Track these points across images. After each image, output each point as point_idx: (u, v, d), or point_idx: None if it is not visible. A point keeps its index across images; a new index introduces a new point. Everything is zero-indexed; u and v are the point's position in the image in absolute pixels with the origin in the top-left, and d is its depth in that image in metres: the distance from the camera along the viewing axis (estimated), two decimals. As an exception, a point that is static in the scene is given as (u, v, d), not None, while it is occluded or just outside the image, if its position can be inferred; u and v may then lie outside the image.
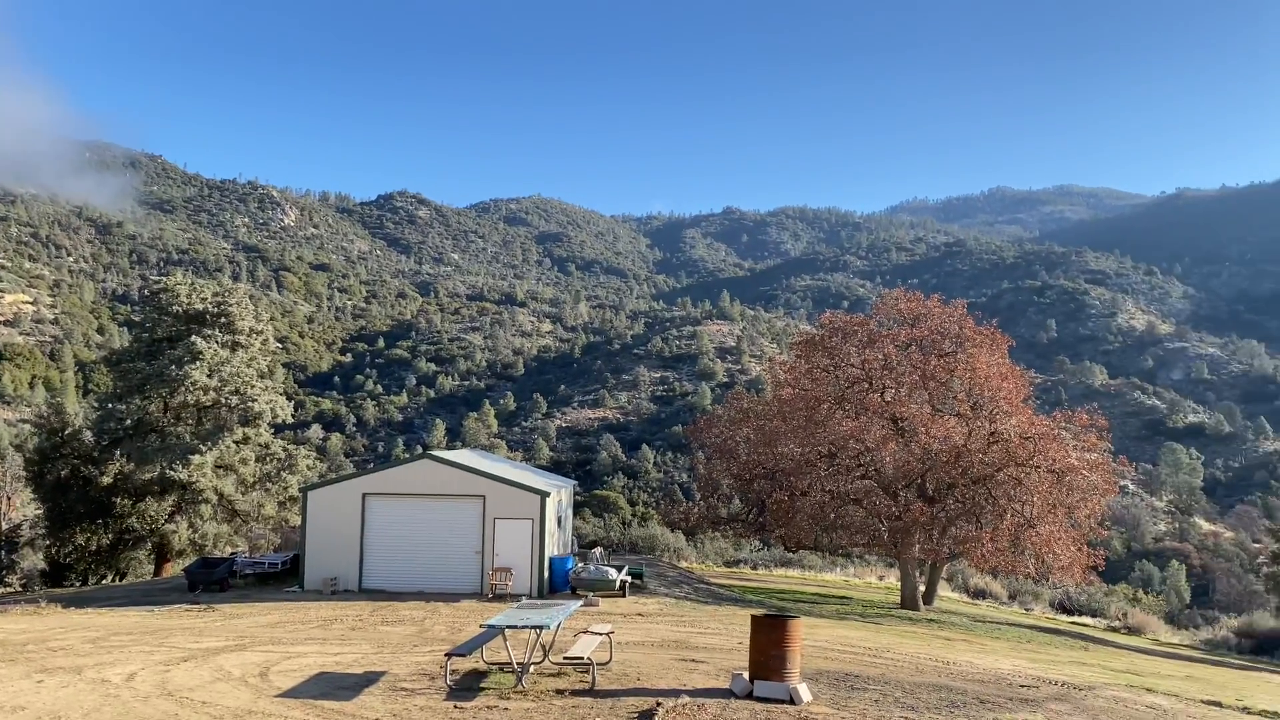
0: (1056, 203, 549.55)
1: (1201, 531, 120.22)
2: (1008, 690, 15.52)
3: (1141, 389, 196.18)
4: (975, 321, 39.73)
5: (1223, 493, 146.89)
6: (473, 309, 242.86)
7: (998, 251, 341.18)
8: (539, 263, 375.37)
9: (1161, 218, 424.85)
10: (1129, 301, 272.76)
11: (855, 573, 54.61)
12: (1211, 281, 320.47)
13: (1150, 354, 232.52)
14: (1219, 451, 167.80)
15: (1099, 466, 36.70)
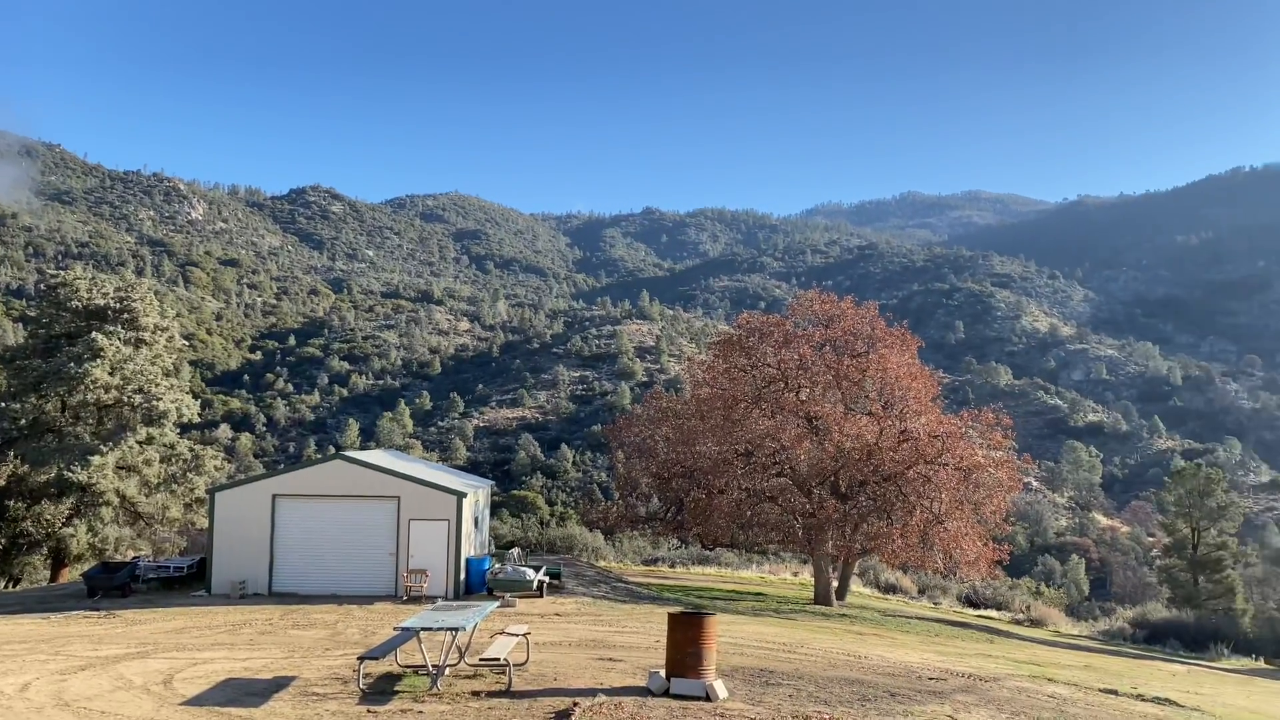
0: (965, 208, 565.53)
1: (1100, 526, 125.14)
2: (917, 683, 15.92)
3: (1044, 389, 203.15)
4: (886, 323, 40.69)
5: (1120, 489, 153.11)
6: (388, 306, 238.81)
7: (908, 255, 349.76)
8: (456, 260, 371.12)
9: (1064, 223, 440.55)
10: (1033, 304, 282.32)
11: (771, 569, 55.33)
12: (1110, 286, 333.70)
13: (1053, 355, 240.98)
14: (1116, 449, 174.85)
15: (1004, 464, 37.94)
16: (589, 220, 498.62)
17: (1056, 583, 78.90)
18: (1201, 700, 19.67)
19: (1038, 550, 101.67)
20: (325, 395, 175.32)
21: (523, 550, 38.46)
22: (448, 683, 13.55)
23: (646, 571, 48.63)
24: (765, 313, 45.87)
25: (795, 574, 53.43)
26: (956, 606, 49.66)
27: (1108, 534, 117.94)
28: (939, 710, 13.30)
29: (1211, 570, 53.89)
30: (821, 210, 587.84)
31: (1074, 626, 48.39)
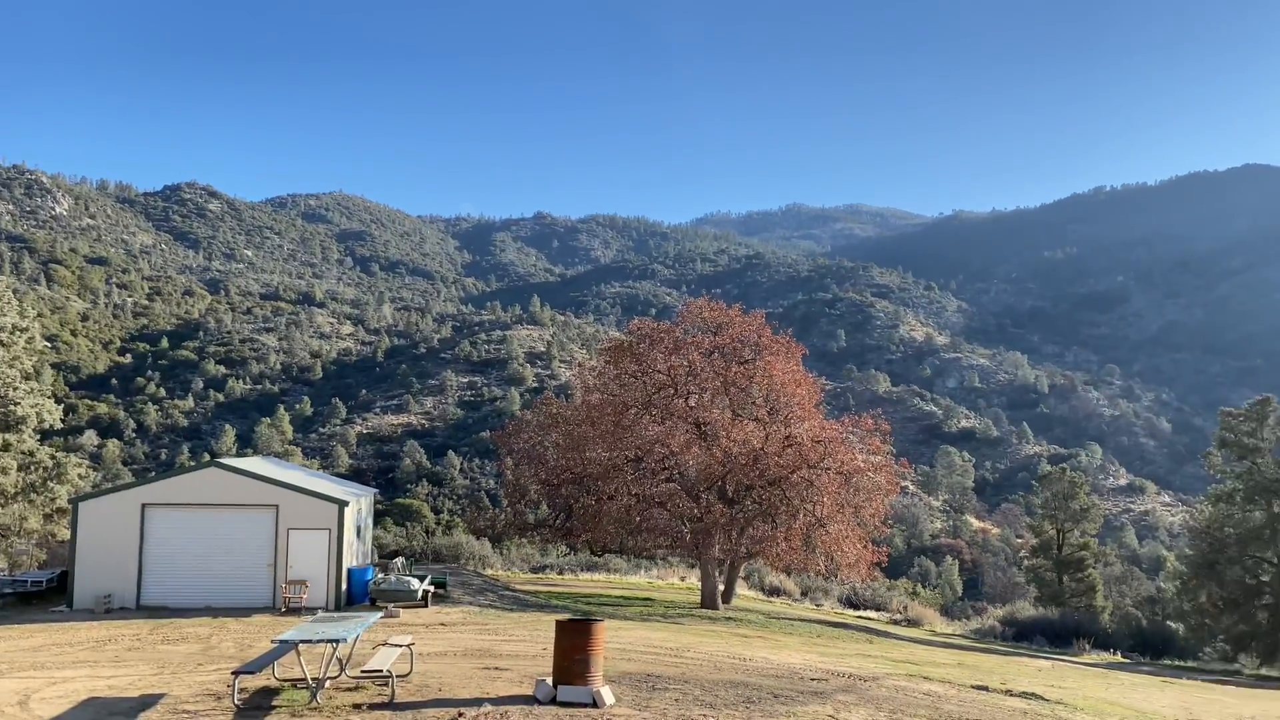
0: (847, 220, 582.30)
1: (972, 528, 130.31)
2: (799, 684, 16.26)
3: (920, 396, 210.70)
4: (772, 331, 41.57)
5: (991, 492, 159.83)
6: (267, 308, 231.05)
7: (794, 265, 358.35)
8: (340, 262, 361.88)
9: (940, 237, 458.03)
10: (910, 314, 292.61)
11: (659, 574, 55.63)
12: (982, 298, 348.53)
13: (928, 363, 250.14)
14: (987, 454, 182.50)
15: (883, 468, 39.18)
16: (479, 223, 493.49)
17: (932, 583, 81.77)
18: (1065, 694, 20.66)
19: (914, 552, 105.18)
20: (200, 400, 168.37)
21: (407, 560, 37.68)
22: (328, 696, 13.17)
23: (535, 579, 48.31)
24: (656, 320, 46.20)
25: (683, 578, 53.88)
26: (838, 608, 50.91)
27: (980, 536, 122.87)
28: (820, 710, 13.61)
29: (1075, 569, 56.73)
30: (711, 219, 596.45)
31: (948, 625, 50.23)
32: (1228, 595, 45.17)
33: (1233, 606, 44.98)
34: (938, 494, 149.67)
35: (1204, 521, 49.10)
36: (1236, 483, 46.44)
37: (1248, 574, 45.46)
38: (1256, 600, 45.08)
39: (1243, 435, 46.47)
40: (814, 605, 50.36)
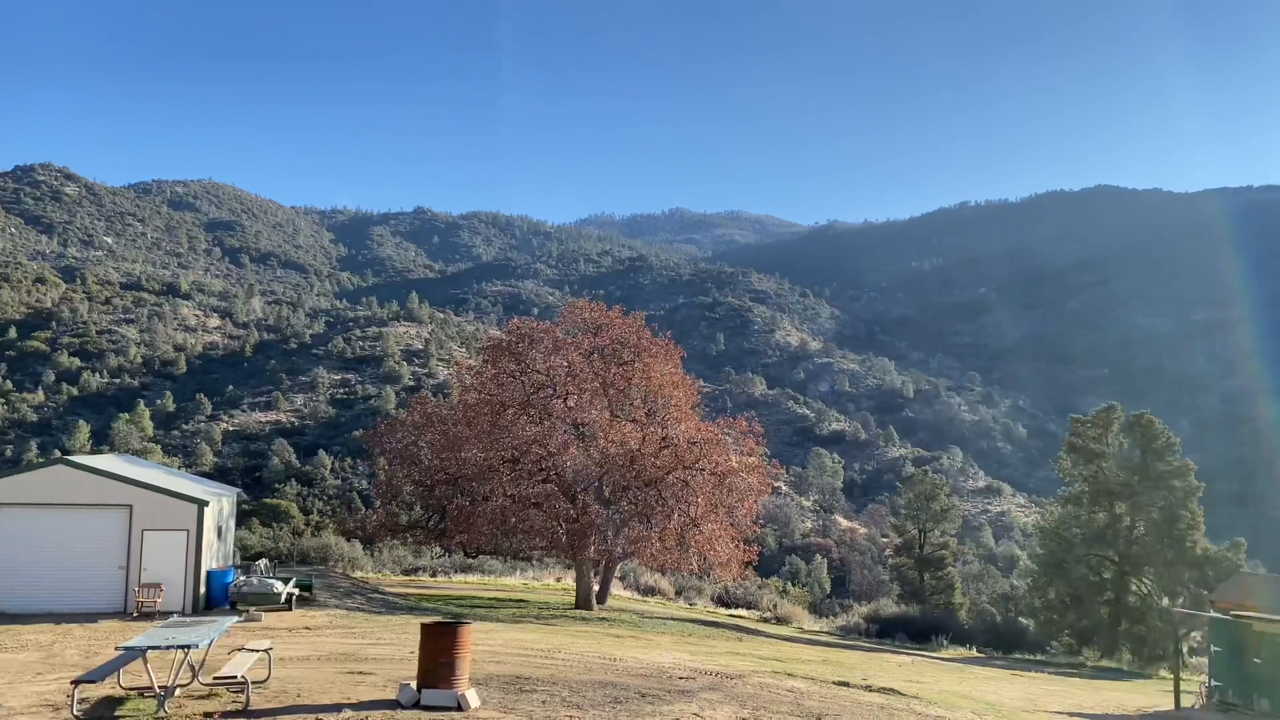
0: (728, 226, 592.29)
1: (841, 528, 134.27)
2: (667, 683, 16.44)
3: (794, 399, 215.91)
4: (652, 333, 41.94)
5: (859, 493, 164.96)
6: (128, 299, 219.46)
7: (676, 269, 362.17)
8: (208, 252, 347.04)
9: (815, 245, 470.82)
10: (786, 320, 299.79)
11: (534, 576, 55.37)
12: (854, 305, 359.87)
13: (802, 368, 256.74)
14: (856, 456, 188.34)
15: (756, 469, 39.97)
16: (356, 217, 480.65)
17: (802, 582, 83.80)
18: (921, 688, 21.51)
19: (786, 551, 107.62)
20: (51, 394, 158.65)
21: (271, 562, 36.42)
22: (177, 704, 12.60)
23: (406, 581, 47.38)
24: (539, 319, 46.00)
25: (559, 579, 53.76)
26: (711, 607, 51.67)
27: (848, 535, 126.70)
28: (686, 708, 13.78)
29: (935, 568, 59.12)
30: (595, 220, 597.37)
31: (816, 623, 51.59)
32: (1073, 592, 47.81)
33: (1078, 603, 47.65)
34: (809, 494, 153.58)
35: (1053, 522, 51.82)
36: (1083, 485, 49.22)
37: (1091, 572, 48.23)
38: (1099, 597, 47.90)
39: (1089, 441, 49.28)
40: (688, 604, 50.97)
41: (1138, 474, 47.61)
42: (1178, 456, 48.24)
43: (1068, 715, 20.81)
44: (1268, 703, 24.47)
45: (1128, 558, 47.51)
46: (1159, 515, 46.77)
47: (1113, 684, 34.17)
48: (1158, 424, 49.03)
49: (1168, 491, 46.79)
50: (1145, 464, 47.76)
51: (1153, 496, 47.10)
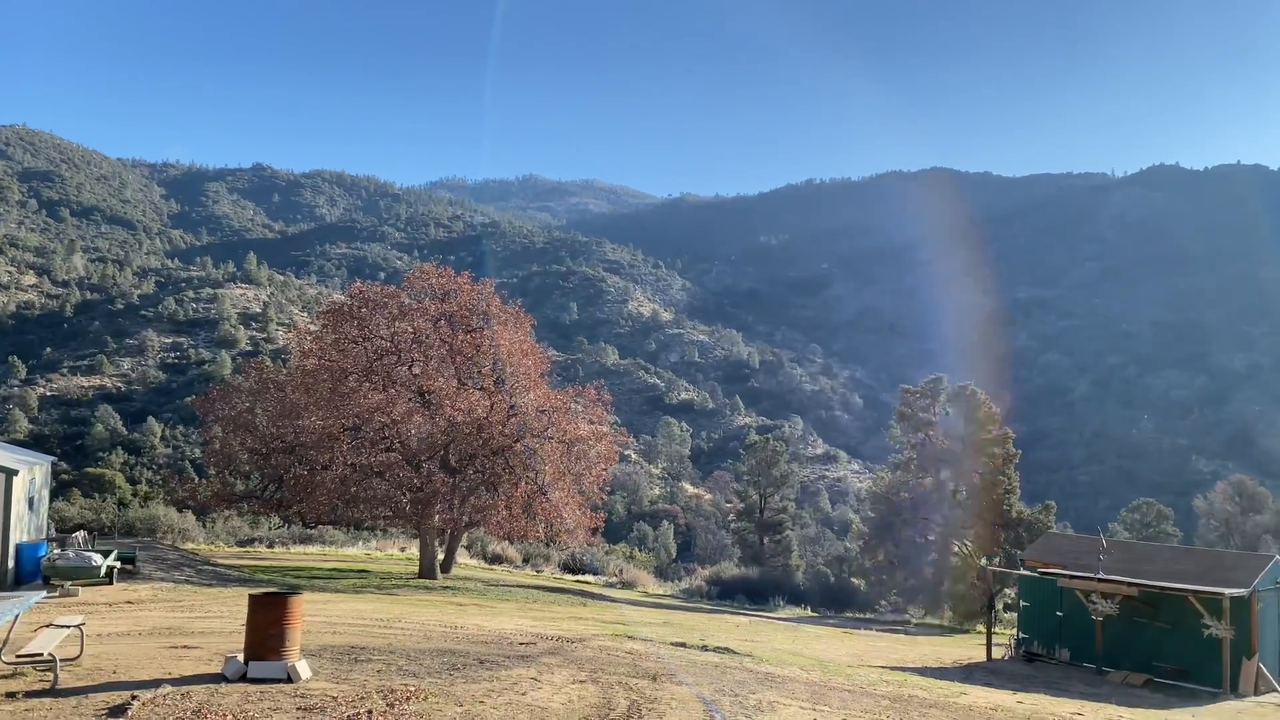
0: (582, 195, 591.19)
1: (687, 494, 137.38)
2: (508, 649, 16.47)
3: (645, 369, 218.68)
4: (503, 300, 41.54)
5: (705, 460, 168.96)
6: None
7: (529, 236, 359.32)
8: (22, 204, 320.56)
9: (668, 217, 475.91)
10: (639, 290, 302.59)
11: (378, 545, 54.36)
12: (704, 278, 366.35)
13: (654, 338, 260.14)
14: (704, 425, 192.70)
15: (604, 437, 40.31)
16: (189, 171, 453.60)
17: (648, 547, 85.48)
18: (756, 647, 22.33)
19: (634, 517, 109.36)
20: None
21: (91, 534, 34.33)
22: (-23, 687, 11.74)
23: (241, 553, 45.61)
24: (387, 284, 44.70)
25: (403, 549, 52.93)
26: (557, 573, 52.04)
27: (694, 501, 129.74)
28: (524, 673, 13.86)
29: (774, 532, 61.30)
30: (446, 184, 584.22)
31: (661, 587, 52.73)
32: (901, 553, 50.60)
33: (905, 563, 50.46)
34: (658, 462, 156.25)
35: (884, 487, 54.55)
36: (912, 453, 51.99)
37: (917, 534, 51.10)
38: (924, 557, 50.83)
39: (918, 410, 52.01)
40: (535, 571, 51.16)
41: (961, 442, 50.61)
42: (998, 426, 51.51)
43: (891, 669, 22.02)
44: (1068, 652, 26.61)
45: (951, 520, 50.53)
46: (980, 480, 49.91)
47: (934, 639, 36.37)
48: (981, 395, 52.18)
49: (988, 458, 49.97)
50: (969, 432, 50.79)
51: (975, 463, 50.21)
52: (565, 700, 12.38)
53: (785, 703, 13.76)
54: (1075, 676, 24.46)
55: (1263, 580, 23.97)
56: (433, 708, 11.27)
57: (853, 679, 17.72)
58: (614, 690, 13.23)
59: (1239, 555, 33.16)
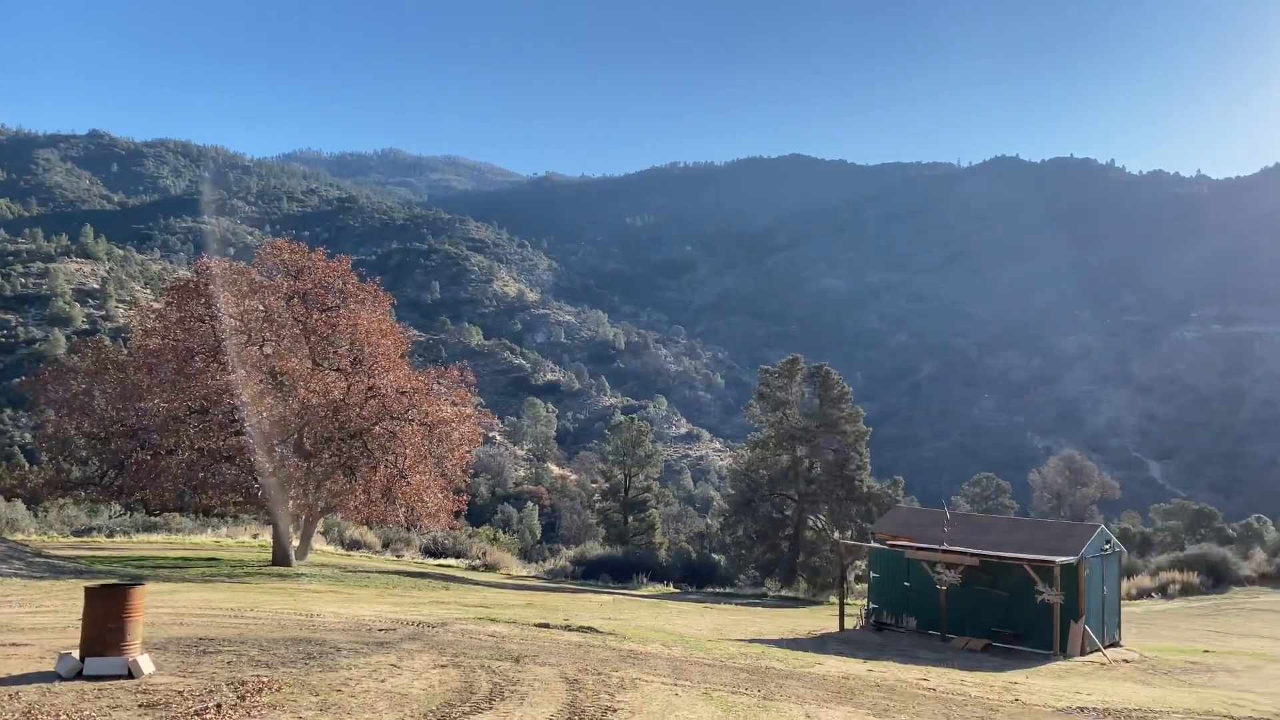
0: (444, 171, 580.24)
1: (553, 475, 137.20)
2: (366, 635, 16.12)
3: (511, 350, 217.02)
4: (361, 278, 40.32)
5: (571, 441, 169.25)
6: None
7: (389, 212, 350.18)
8: None
9: (533, 197, 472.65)
10: (504, 270, 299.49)
11: (229, 533, 52.18)
12: (570, 258, 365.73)
13: (519, 319, 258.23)
14: (570, 405, 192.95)
15: (468, 419, 39.75)
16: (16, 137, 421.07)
17: (513, 529, 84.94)
18: (619, 625, 22.56)
19: (498, 499, 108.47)
20: None
21: (-96, 527, 31.72)
22: None
23: (78, 543, 42.95)
24: (236, 260, 42.65)
25: (255, 536, 50.98)
26: (419, 558, 51.19)
27: (559, 482, 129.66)
28: (384, 660, 13.59)
29: (638, 510, 62.03)
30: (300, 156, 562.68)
31: (525, 568, 52.59)
32: (760, 529, 52.00)
33: (763, 538, 51.89)
34: (523, 443, 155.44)
35: (744, 465, 55.86)
36: (770, 431, 53.41)
37: (775, 509, 52.62)
38: (781, 532, 52.40)
39: (776, 390, 53.42)
40: (395, 557, 50.19)
41: (816, 420, 52.33)
42: (850, 404, 53.47)
43: (749, 641, 22.64)
44: (915, 620, 27.95)
45: (806, 496, 52.23)
46: (833, 457, 51.76)
47: (791, 611, 37.62)
48: (834, 375, 54.04)
49: (841, 436, 51.87)
50: (823, 411, 52.54)
51: (828, 440, 52.04)
52: (426, 685, 12.21)
53: (647, 679, 13.97)
54: (922, 643, 25.73)
55: (1089, 548, 25.75)
56: (287, 699, 10.92)
57: (713, 653, 18.13)
58: (476, 673, 13.13)
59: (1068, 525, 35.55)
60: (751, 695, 13.59)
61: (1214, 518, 68.40)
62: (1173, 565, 47.97)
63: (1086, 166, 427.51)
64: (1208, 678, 20.82)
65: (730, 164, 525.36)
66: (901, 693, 15.25)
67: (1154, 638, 29.75)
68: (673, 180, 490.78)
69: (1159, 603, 42.71)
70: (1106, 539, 27.73)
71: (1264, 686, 19.47)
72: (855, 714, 12.92)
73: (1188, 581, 45.57)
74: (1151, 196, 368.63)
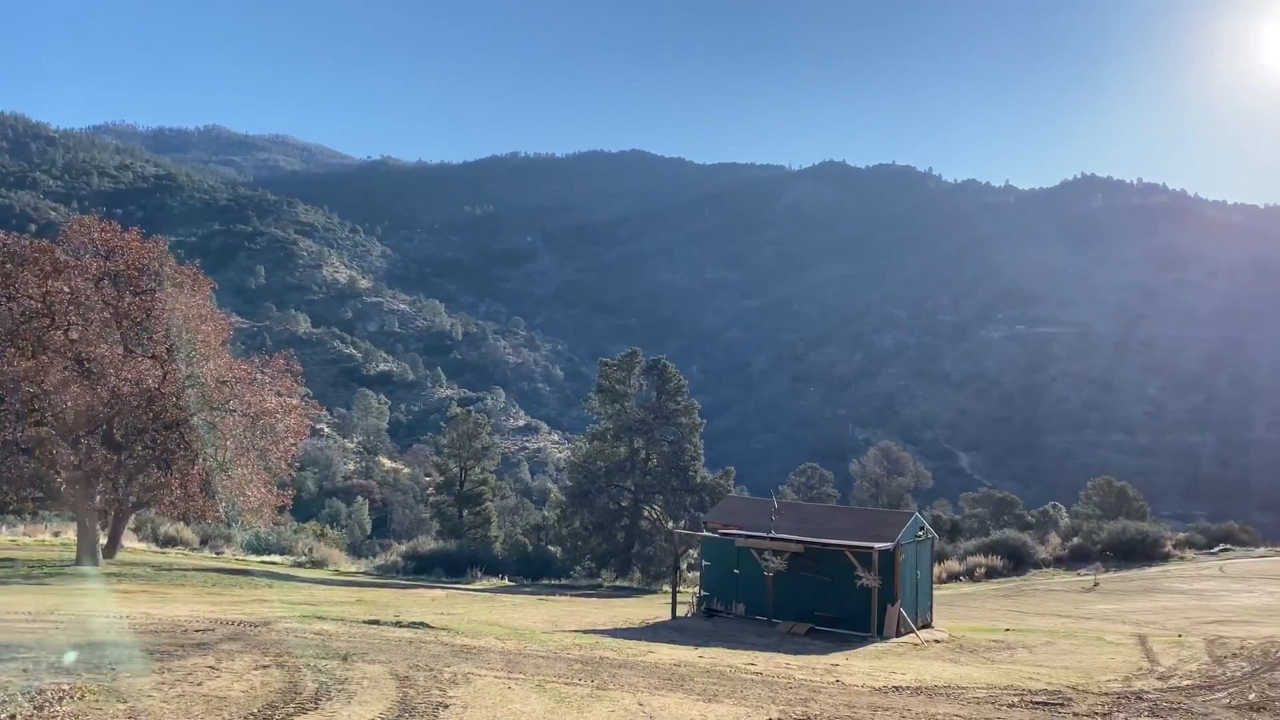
0: (272, 150, 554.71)
1: (385, 468, 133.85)
2: (182, 637, 15.29)
3: (341, 338, 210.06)
4: (179, 260, 38.13)
5: (404, 433, 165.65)
6: None
7: (211, 192, 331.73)
8: None
9: (368, 181, 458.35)
10: (335, 256, 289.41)
11: (26, 530, 48.42)
12: (406, 245, 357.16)
13: (350, 306, 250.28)
14: (403, 397, 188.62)
15: (294, 410, 38.24)
16: None
17: (342, 524, 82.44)
18: (452, 619, 22.26)
19: (326, 493, 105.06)
20: None
21: None
22: None
23: None
24: (35, 237, 39.26)
25: (57, 534, 47.48)
26: (241, 554, 48.96)
27: (391, 476, 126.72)
28: (200, 662, 12.93)
29: (474, 504, 61.33)
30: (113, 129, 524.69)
31: (355, 564, 51.13)
32: (596, 520, 52.40)
33: (599, 529, 52.31)
34: (353, 436, 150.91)
35: (582, 457, 56.14)
36: (609, 423, 53.89)
37: (612, 501, 53.15)
38: (617, 523, 52.98)
39: (615, 382, 53.94)
40: (214, 554, 47.83)
41: (654, 412, 53.18)
42: (686, 397, 54.60)
43: (584, 632, 22.80)
44: (744, 606, 28.82)
45: (643, 487, 53.00)
46: (669, 448, 52.75)
47: (625, 601, 38.10)
48: (671, 368, 55.04)
49: (677, 428, 52.93)
50: (660, 404, 53.44)
51: (665, 432, 53.02)
52: (247, 687, 11.69)
53: (480, 673, 13.85)
54: (749, 629, 26.57)
55: (904, 534, 27.24)
56: (91, 707, 10.23)
57: (547, 645, 18.16)
58: (301, 673, 12.67)
59: (886, 512, 37.48)
60: (585, 686, 13.70)
61: (1015, 505, 73.64)
62: (979, 550, 51.32)
63: (907, 173, 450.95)
64: (1009, 654, 22.40)
65: (572, 156, 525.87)
66: (730, 677, 15.72)
67: (962, 618, 31.78)
68: (513, 170, 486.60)
69: (967, 585, 45.65)
70: (920, 525, 29.39)
71: (1057, 661, 21.13)
72: (686, 700, 13.22)
73: (992, 565, 48.87)
74: (965, 204, 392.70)
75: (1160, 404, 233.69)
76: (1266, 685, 17.54)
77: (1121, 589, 40.82)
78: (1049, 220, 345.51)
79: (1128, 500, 63.45)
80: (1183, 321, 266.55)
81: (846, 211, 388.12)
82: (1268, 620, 29.89)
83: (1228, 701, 15.79)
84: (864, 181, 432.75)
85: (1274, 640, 24.54)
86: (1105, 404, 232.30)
